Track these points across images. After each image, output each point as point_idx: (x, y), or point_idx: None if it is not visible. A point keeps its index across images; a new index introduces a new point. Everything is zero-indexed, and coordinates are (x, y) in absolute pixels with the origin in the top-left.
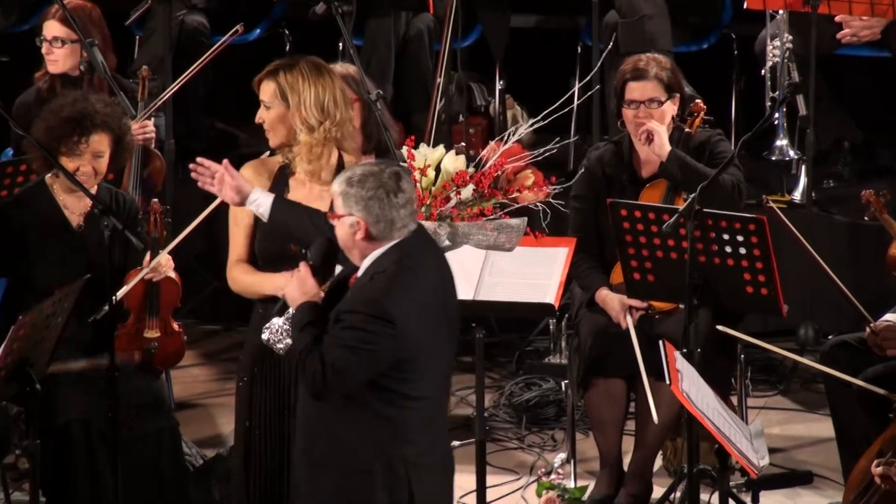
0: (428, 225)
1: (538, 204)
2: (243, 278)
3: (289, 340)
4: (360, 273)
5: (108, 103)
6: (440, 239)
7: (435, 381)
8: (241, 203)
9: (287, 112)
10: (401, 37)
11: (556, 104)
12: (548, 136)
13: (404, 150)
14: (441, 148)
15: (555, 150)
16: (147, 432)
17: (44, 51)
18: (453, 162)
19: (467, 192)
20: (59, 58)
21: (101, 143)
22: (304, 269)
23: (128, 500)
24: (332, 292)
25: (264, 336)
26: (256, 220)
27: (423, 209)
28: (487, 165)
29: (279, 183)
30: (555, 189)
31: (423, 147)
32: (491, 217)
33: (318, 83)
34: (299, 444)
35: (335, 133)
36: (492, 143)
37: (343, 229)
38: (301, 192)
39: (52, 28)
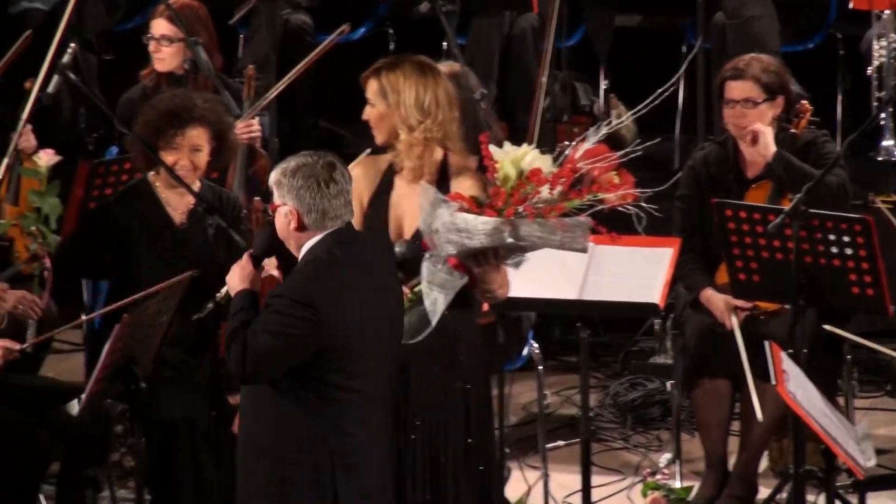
0: (490, 221)
1: (629, 207)
2: None
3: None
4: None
5: (209, 99)
6: (503, 236)
7: (371, 379)
8: None
9: (388, 111)
10: (505, 36)
11: (642, 105)
12: (653, 136)
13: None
14: (525, 146)
15: (639, 152)
16: None
17: (151, 49)
18: (534, 161)
19: (545, 191)
20: (166, 56)
21: (198, 137)
22: (245, 258)
23: (232, 500)
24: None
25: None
26: (364, 215)
27: (500, 206)
28: (562, 165)
29: (386, 181)
30: (645, 193)
31: (507, 145)
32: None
33: (419, 83)
34: (239, 430)
35: (436, 133)
36: (573, 143)
37: (279, 219)
38: (405, 189)
39: (160, 26)
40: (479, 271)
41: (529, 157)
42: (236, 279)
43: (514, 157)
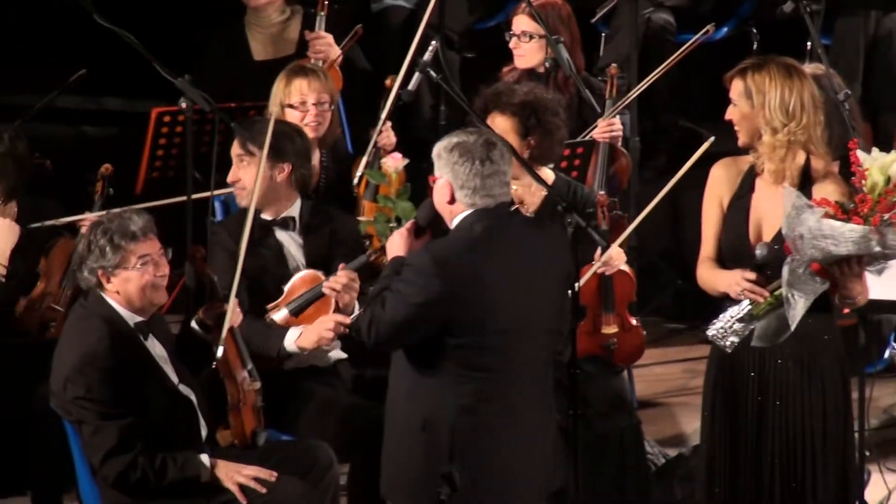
0: (858, 229)
1: None
2: (703, 274)
3: (735, 339)
4: None
5: (529, 91)
6: (870, 244)
7: (508, 359)
8: None
9: (752, 112)
10: (870, 36)
11: None
12: None
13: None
14: (894, 153)
15: None
16: (609, 430)
17: (511, 45)
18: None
19: None
20: (526, 53)
21: (500, 124)
22: (408, 226)
23: (590, 498)
24: None
25: (710, 332)
26: (724, 216)
27: (865, 213)
28: None
29: (746, 182)
30: None
31: (875, 151)
32: None
33: (785, 85)
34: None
35: (800, 136)
36: None
37: (436, 191)
38: (766, 192)
39: (521, 22)
40: (841, 278)
41: None
42: (396, 246)
43: (882, 164)
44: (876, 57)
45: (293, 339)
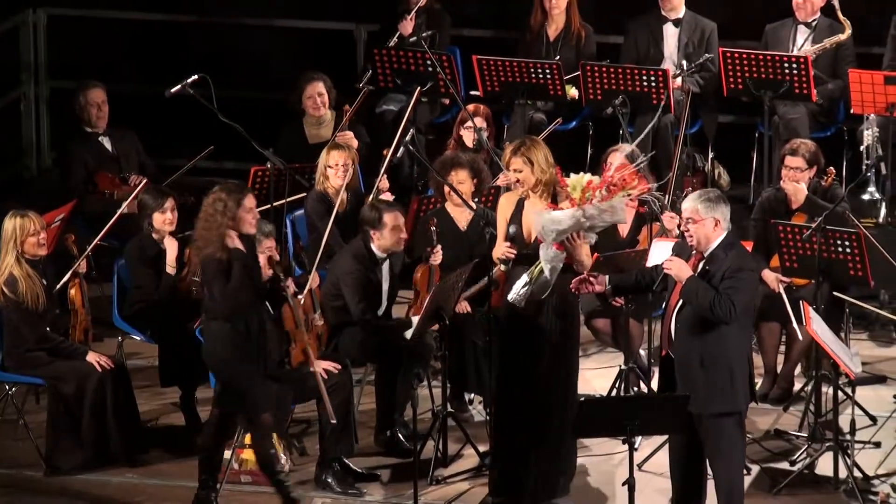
0: (569, 212)
1: (651, 196)
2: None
3: (521, 299)
4: None
5: (469, 155)
6: (579, 223)
7: None
8: None
9: (532, 170)
10: (654, 128)
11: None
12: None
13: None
14: (582, 174)
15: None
16: None
17: (469, 134)
18: (581, 179)
19: (598, 194)
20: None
21: (461, 175)
22: (693, 261)
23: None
24: None
25: (511, 297)
26: (507, 228)
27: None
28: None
29: (520, 205)
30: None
31: (573, 175)
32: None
33: (538, 149)
34: None
35: (552, 172)
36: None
37: (703, 228)
38: (528, 210)
39: (476, 120)
40: (570, 248)
41: (579, 178)
42: (686, 267)
43: (573, 181)
44: (658, 140)
45: None
